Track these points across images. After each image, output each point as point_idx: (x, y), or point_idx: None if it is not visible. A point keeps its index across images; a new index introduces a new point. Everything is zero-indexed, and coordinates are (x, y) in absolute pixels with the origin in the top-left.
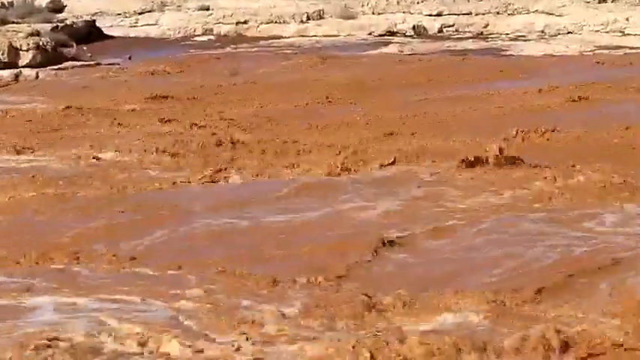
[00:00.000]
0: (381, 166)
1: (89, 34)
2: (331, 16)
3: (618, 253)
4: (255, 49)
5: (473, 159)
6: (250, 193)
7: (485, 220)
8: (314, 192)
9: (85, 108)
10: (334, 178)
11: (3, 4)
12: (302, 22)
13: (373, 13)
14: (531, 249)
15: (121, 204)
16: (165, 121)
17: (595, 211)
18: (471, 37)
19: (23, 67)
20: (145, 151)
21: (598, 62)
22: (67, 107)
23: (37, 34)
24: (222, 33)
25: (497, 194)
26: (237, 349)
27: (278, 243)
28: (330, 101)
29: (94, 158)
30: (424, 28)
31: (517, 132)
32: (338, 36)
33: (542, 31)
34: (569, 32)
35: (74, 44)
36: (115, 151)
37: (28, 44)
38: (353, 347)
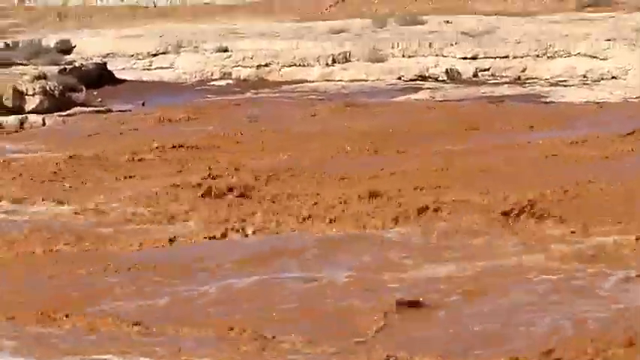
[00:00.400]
0: (396, 221)
1: (100, 77)
2: (358, 59)
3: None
4: (277, 94)
5: (500, 213)
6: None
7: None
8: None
9: (94, 158)
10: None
11: (8, 44)
12: (327, 65)
13: (403, 56)
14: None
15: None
16: (179, 172)
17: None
18: (507, 82)
19: (29, 112)
20: (153, 203)
21: None
22: (75, 157)
23: (44, 77)
24: (241, 77)
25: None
26: None
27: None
28: (354, 152)
29: (100, 211)
30: (458, 72)
31: (553, 186)
32: (366, 80)
33: (584, 76)
34: (613, 77)
35: (84, 88)
36: (121, 204)
37: (34, 88)
38: None
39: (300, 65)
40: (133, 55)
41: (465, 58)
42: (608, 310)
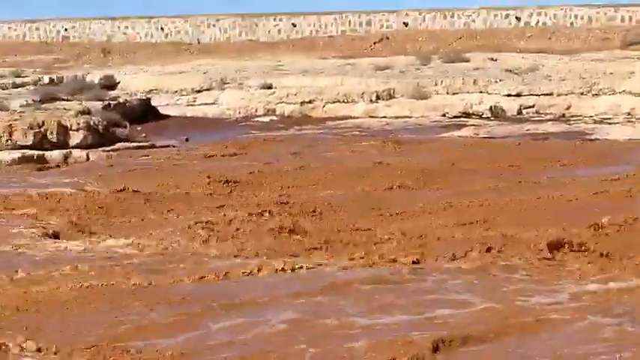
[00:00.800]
0: (454, 258)
1: (144, 113)
2: (402, 96)
3: None
4: (321, 130)
5: (542, 249)
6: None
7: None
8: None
9: (139, 192)
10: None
11: (52, 79)
12: (371, 101)
13: (447, 93)
14: None
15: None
16: (222, 207)
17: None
18: (552, 120)
19: (73, 147)
20: (198, 238)
21: None
22: (119, 191)
23: (88, 112)
24: (285, 113)
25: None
26: None
27: None
28: (397, 188)
29: (146, 245)
30: (502, 110)
31: (597, 223)
32: (410, 117)
33: (629, 114)
34: None
35: (127, 124)
36: (166, 238)
37: (79, 123)
38: None
39: (344, 102)
40: (177, 91)
41: (509, 95)
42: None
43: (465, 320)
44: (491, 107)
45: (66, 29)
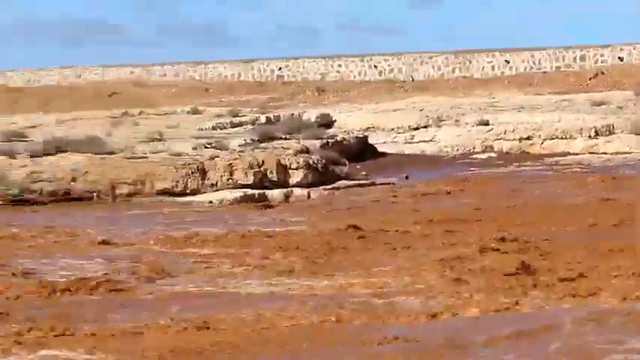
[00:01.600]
0: None
1: (361, 151)
2: (622, 132)
3: None
4: (540, 167)
5: None
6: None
7: None
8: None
9: (361, 230)
10: None
11: (269, 119)
12: (590, 137)
13: None
14: None
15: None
16: (443, 245)
17: None
18: None
19: (293, 186)
20: (422, 278)
21: None
22: (343, 229)
23: (307, 151)
24: (503, 150)
25: None
26: None
27: None
28: (623, 224)
29: (373, 284)
30: None
31: None
32: (629, 153)
33: None
34: None
35: (346, 162)
36: (388, 277)
37: (298, 162)
38: None
39: (562, 138)
40: (393, 129)
41: None
42: None
43: None
44: None
45: (280, 68)
